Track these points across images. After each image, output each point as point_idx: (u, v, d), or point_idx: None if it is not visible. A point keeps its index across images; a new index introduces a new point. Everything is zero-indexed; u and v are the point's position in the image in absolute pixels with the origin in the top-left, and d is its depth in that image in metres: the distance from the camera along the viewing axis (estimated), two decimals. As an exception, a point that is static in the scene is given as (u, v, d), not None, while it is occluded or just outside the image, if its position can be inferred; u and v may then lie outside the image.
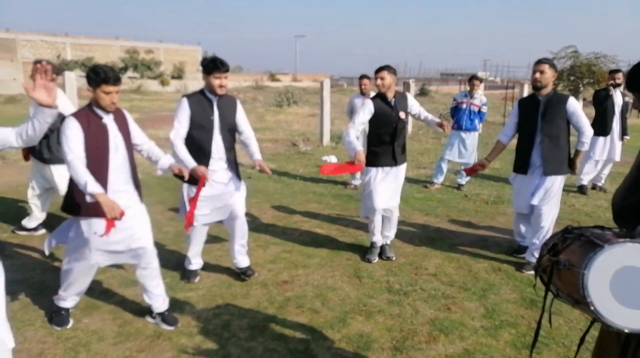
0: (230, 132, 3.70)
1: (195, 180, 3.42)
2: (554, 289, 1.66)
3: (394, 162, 4.17)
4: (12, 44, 36.78)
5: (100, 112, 2.88)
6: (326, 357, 2.86)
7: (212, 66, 3.42)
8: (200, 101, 3.54)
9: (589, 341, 2.17)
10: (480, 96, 7.01)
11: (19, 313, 3.25)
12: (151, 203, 4.18)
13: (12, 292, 3.56)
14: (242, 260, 3.94)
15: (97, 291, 3.61)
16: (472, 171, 4.39)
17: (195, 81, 40.22)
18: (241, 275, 3.90)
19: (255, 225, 5.28)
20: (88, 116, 2.85)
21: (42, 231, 4.85)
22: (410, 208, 6.04)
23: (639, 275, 1.45)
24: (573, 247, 1.60)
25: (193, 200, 3.53)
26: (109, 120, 2.93)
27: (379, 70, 4.07)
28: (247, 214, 5.73)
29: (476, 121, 6.97)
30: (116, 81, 2.84)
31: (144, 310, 3.32)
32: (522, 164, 4.14)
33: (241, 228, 3.85)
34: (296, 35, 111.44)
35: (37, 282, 3.73)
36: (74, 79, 8.54)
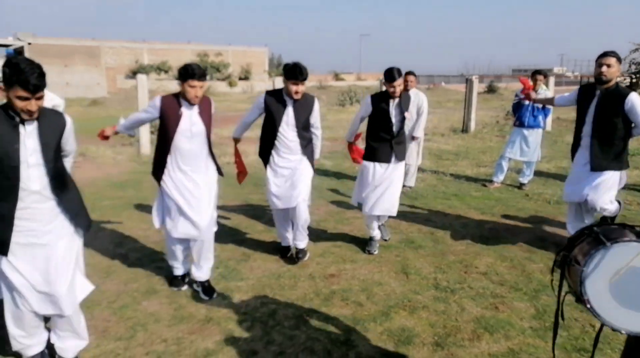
0: (305, 129, 4.01)
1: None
2: (566, 285, 1.63)
3: (389, 159, 4.22)
4: (97, 51, 39.69)
5: (183, 102, 3.30)
6: (366, 348, 2.90)
7: (291, 73, 3.74)
8: (277, 99, 3.91)
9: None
10: (545, 91, 6.69)
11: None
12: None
13: (83, 275, 3.91)
14: (300, 243, 4.22)
15: (156, 277, 3.88)
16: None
17: (261, 82, 41.40)
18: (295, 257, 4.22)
19: (308, 220, 5.40)
20: (173, 102, 3.31)
21: None
22: (466, 206, 5.91)
23: None
24: (583, 244, 1.58)
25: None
26: (189, 111, 3.33)
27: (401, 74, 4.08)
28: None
29: (540, 118, 6.67)
30: (201, 77, 3.22)
31: (197, 296, 3.54)
32: (573, 152, 4.26)
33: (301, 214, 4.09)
34: (361, 34, 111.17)
35: (105, 267, 4.06)
36: (145, 81, 9.13)
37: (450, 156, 9.53)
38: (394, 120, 4.15)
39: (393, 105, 4.15)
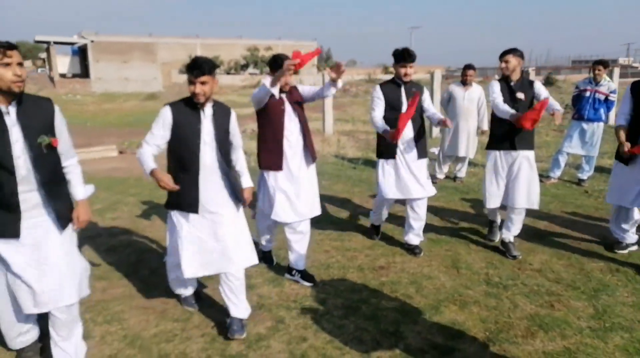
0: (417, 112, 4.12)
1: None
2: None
3: (513, 146, 4.06)
4: (154, 47, 41.21)
5: (276, 91, 3.50)
6: (416, 340, 2.89)
7: (400, 56, 3.97)
8: (391, 87, 4.12)
9: None
10: (607, 82, 6.37)
11: (150, 277, 3.76)
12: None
13: (142, 260, 4.12)
14: (415, 239, 4.31)
15: (211, 263, 4.02)
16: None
17: (310, 76, 41.55)
18: (408, 251, 4.31)
19: (357, 213, 5.42)
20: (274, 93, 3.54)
21: None
22: (520, 202, 5.72)
23: None
24: None
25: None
26: (284, 97, 3.57)
27: (504, 54, 4.05)
28: (349, 202, 5.91)
29: (601, 111, 6.34)
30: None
31: (248, 283, 3.63)
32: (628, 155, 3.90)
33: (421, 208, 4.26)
34: (411, 27, 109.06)
35: (163, 253, 4.26)
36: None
37: (504, 150, 9.24)
38: (515, 105, 4.04)
39: (514, 89, 4.08)
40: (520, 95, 4.04)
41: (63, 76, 38.20)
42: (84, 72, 39.15)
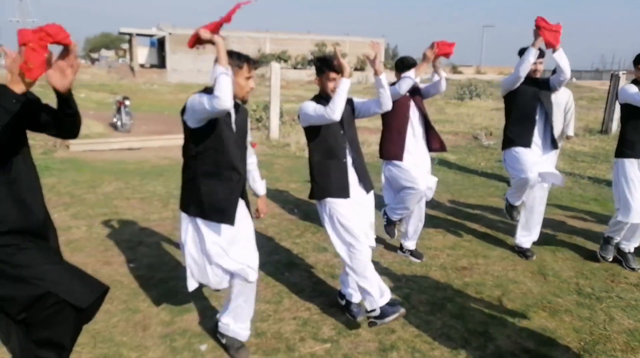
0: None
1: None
2: None
3: None
4: (225, 40, 42.26)
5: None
6: (506, 343, 2.87)
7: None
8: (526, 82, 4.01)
9: None
10: None
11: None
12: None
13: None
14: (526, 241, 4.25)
15: (295, 251, 4.17)
16: None
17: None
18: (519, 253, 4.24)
19: (435, 213, 5.39)
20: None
21: None
22: (609, 212, 5.43)
23: None
24: None
25: None
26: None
27: None
28: (427, 202, 5.89)
29: None
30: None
31: (333, 273, 3.75)
32: None
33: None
34: (484, 26, 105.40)
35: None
36: (279, 69, 9.68)
37: (587, 158, 8.81)
38: None
39: None
40: None
41: (142, 66, 40.41)
42: (161, 63, 41.18)
